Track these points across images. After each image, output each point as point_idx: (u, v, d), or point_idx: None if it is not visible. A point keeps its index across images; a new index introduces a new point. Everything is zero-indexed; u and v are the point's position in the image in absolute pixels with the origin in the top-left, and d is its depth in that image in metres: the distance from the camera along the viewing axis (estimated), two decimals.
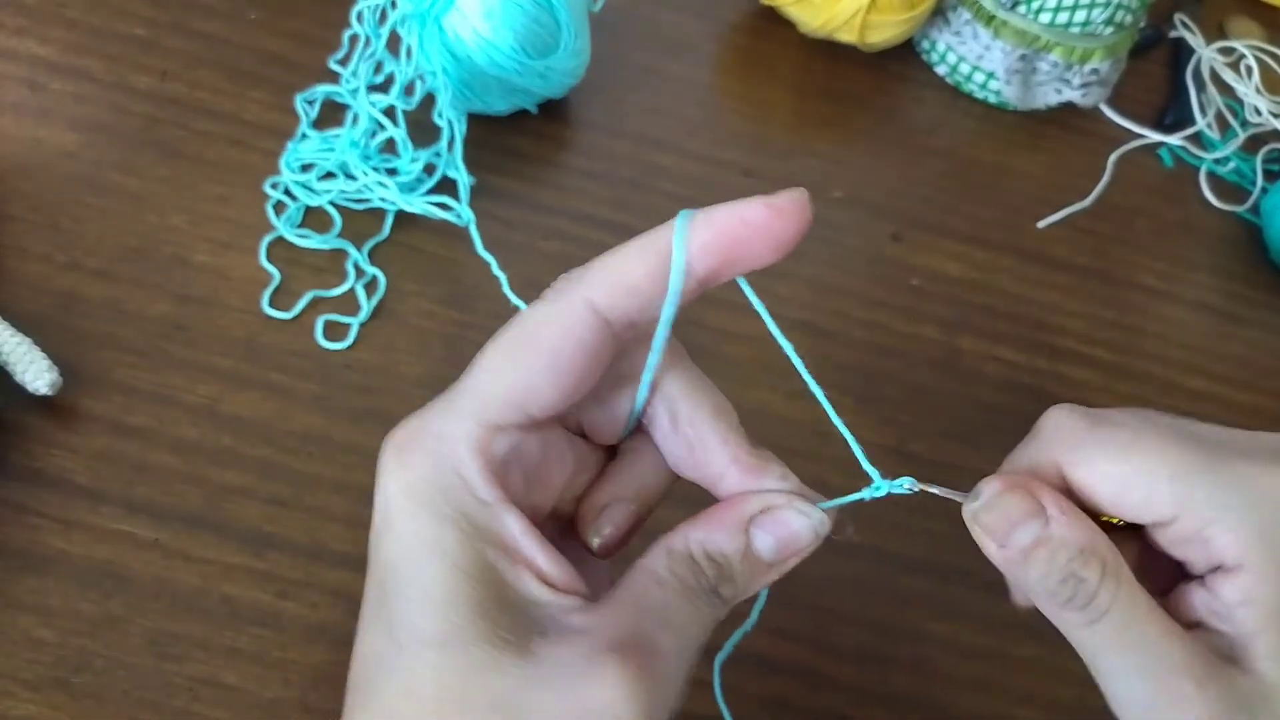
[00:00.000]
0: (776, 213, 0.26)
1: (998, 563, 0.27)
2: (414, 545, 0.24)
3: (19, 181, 0.44)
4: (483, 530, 0.24)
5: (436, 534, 0.23)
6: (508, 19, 0.45)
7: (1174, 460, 0.26)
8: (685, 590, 0.25)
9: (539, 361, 0.25)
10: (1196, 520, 0.26)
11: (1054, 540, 0.26)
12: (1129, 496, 0.26)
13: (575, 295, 0.25)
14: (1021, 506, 0.26)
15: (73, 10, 0.50)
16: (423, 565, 0.23)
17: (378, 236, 0.46)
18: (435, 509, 0.24)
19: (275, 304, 0.43)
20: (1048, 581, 0.26)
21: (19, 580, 0.35)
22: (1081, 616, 0.26)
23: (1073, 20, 0.56)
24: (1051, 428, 0.28)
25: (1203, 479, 0.26)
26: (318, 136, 0.47)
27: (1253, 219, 0.58)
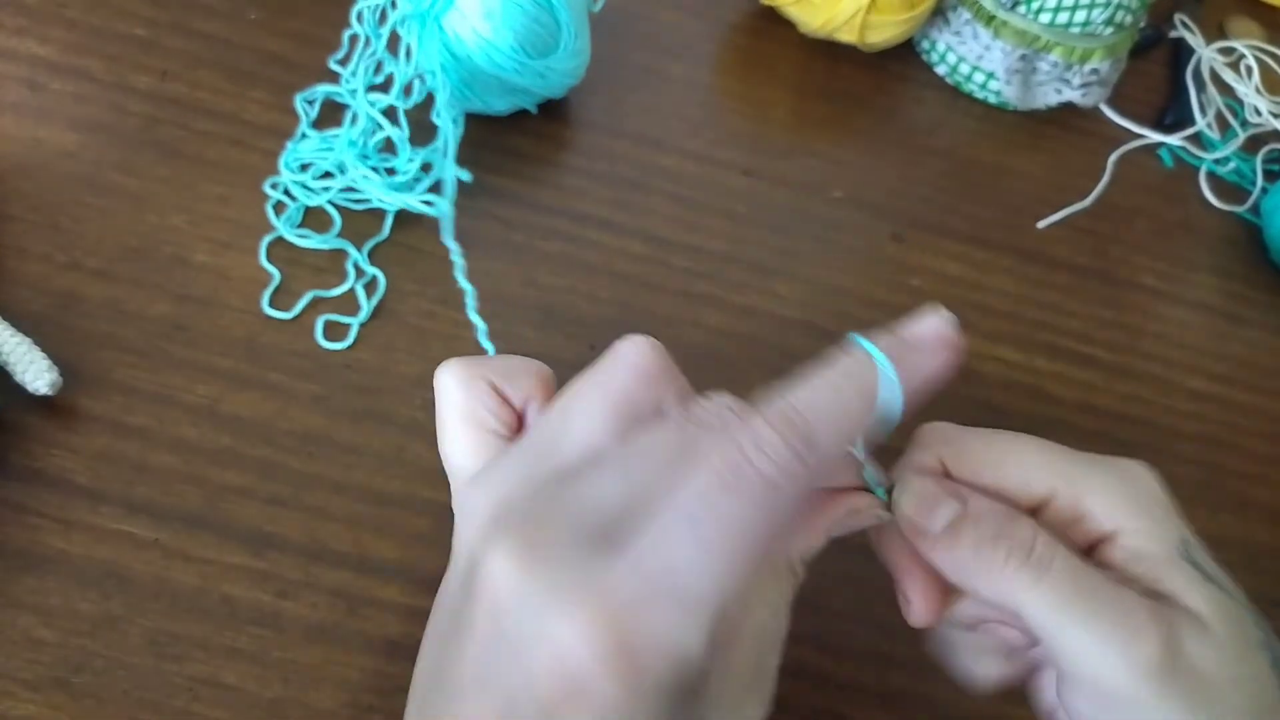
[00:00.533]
0: (957, 360, 0.27)
1: (931, 556, 0.28)
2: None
3: (19, 181, 0.44)
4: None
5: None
6: (508, 19, 0.45)
7: (1039, 447, 0.29)
8: (789, 610, 0.26)
9: (764, 554, 0.25)
10: (1071, 492, 0.28)
11: (974, 512, 0.27)
12: (1008, 476, 0.28)
13: (804, 490, 0.25)
14: (936, 490, 0.28)
15: (73, 10, 0.50)
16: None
17: (378, 237, 0.46)
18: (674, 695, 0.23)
19: (275, 304, 0.43)
20: (981, 547, 0.27)
21: (19, 580, 0.35)
22: (1027, 573, 0.26)
23: (1073, 20, 0.56)
24: (926, 433, 0.30)
25: (1068, 459, 0.29)
26: (317, 136, 0.47)
27: (1253, 219, 0.58)
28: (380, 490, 0.39)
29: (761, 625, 0.25)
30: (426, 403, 0.42)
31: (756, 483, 0.23)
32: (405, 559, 0.38)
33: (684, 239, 0.49)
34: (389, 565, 0.38)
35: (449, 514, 0.39)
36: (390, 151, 0.47)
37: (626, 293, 0.47)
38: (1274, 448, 0.49)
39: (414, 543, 0.38)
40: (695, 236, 0.49)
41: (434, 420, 0.41)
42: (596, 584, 0.23)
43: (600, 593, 0.22)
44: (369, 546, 0.38)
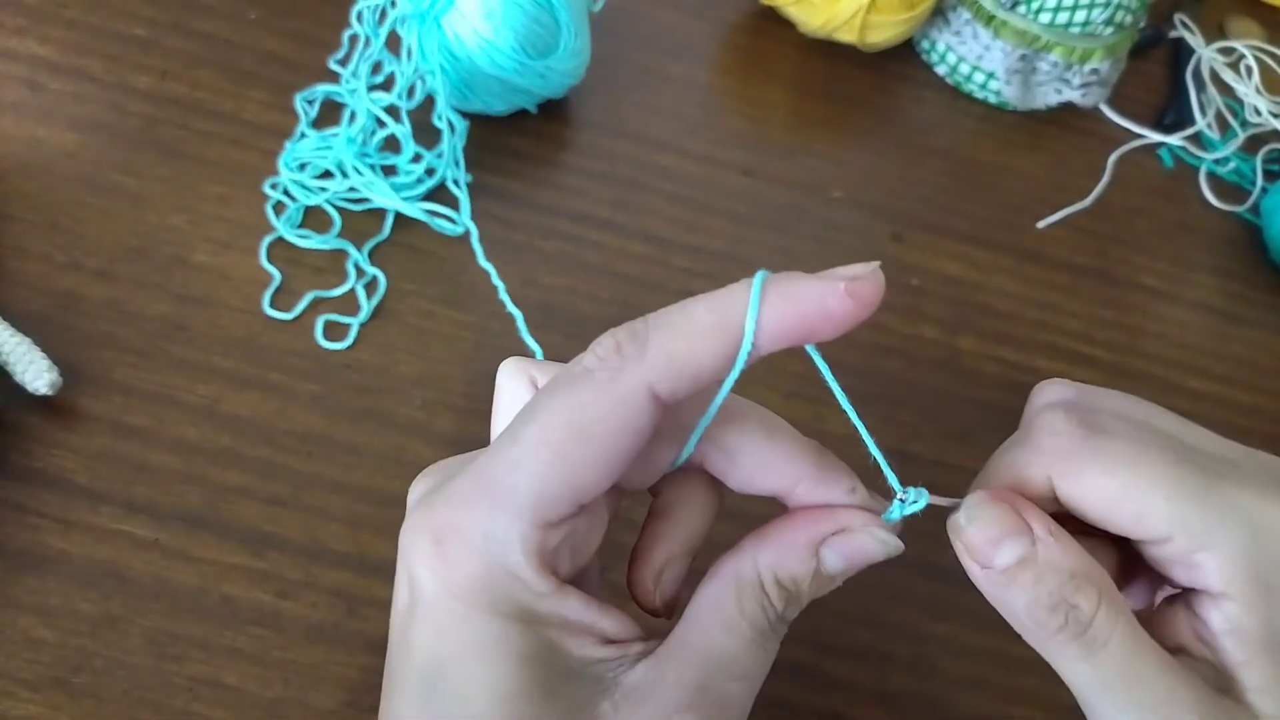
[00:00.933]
0: (857, 301, 0.25)
1: (981, 586, 0.25)
2: (471, 645, 0.23)
3: (19, 181, 0.44)
4: (544, 617, 0.23)
5: (499, 632, 0.23)
6: (508, 19, 0.45)
7: (1171, 479, 0.25)
8: (756, 634, 0.24)
9: (593, 454, 0.23)
10: (1188, 543, 0.25)
11: (1040, 563, 0.25)
12: (1121, 512, 0.25)
13: (634, 380, 0.23)
14: (1005, 523, 0.25)
15: (72, 10, 0.50)
16: (484, 663, 0.22)
17: (378, 237, 0.46)
18: (492, 608, 0.23)
19: (276, 304, 0.43)
20: (1036, 609, 0.24)
21: (18, 580, 0.35)
22: (1077, 649, 0.24)
23: (1073, 20, 0.56)
24: (1044, 432, 0.26)
25: (1198, 502, 0.25)
26: (315, 135, 0.47)
27: (1253, 219, 0.58)
28: (380, 490, 0.39)
29: (710, 648, 0.24)
30: (426, 402, 0.42)
31: (577, 378, 0.23)
32: None
33: (684, 239, 0.49)
34: (389, 565, 0.37)
35: None
36: (392, 150, 0.47)
37: (626, 293, 0.47)
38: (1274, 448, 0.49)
39: None
40: (695, 236, 0.49)
41: (435, 419, 0.41)
42: (436, 499, 0.24)
43: (434, 504, 0.24)
44: (369, 546, 0.38)
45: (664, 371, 0.23)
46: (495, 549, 0.23)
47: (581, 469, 0.23)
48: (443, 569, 0.23)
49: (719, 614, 0.24)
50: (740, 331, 0.23)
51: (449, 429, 0.41)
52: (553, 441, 0.23)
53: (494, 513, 0.23)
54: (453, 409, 0.42)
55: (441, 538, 0.23)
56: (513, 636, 0.23)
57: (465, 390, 0.42)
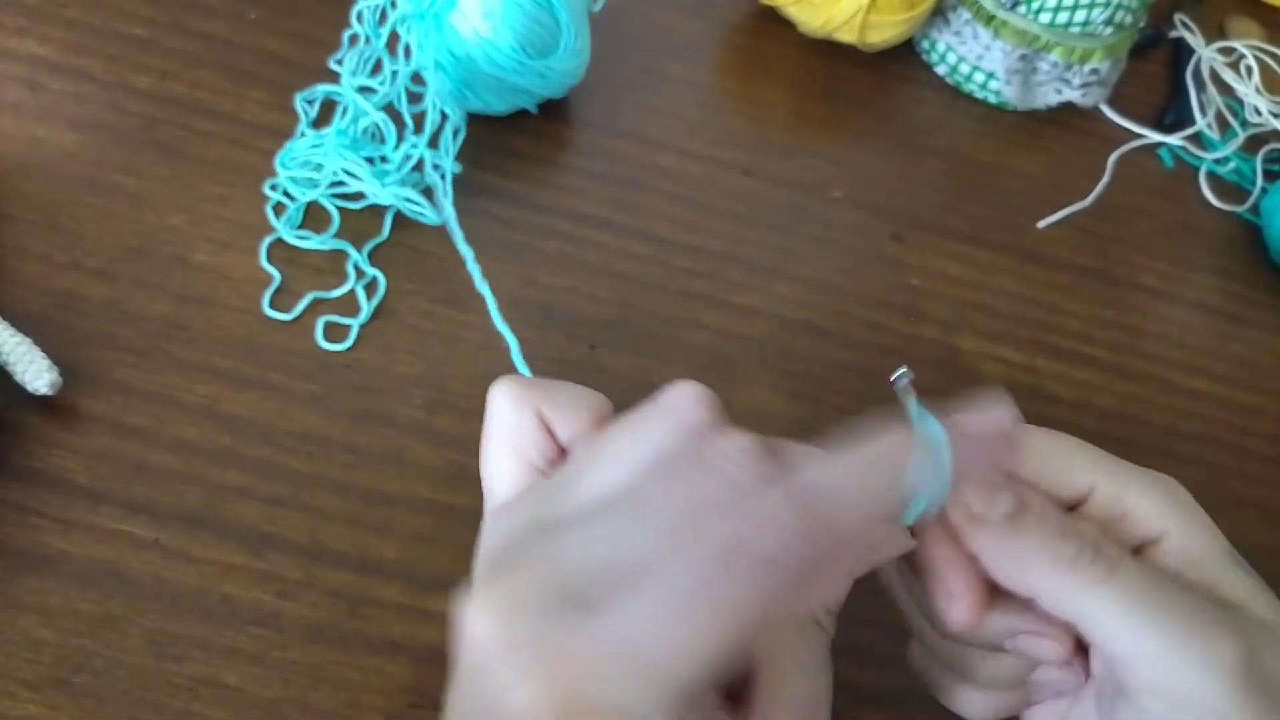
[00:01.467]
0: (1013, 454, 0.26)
1: (988, 548, 0.26)
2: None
3: (19, 181, 0.44)
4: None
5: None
6: (508, 19, 0.45)
7: (1077, 444, 0.28)
8: (823, 665, 0.26)
9: (756, 631, 0.22)
10: (1113, 491, 0.27)
11: (1036, 506, 0.26)
12: (1047, 470, 0.27)
13: (810, 571, 0.22)
14: (992, 485, 0.26)
15: (72, 10, 0.50)
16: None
17: (378, 238, 0.46)
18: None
19: (276, 305, 0.43)
20: (1049, 540, 0.25)
21: (18, 580, 0.35)
22: (1097, 568, 0.25)
23: (1073, 20, 0.56)
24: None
25: (1106, 458, 0.28)
26: (313, 135, 0.47)
27: (1253, 219, 0.58)
28: (380, 490, 0.39)
29: (801, 693, 0.24)
30: (426, 402, 0.42)
31: (758, 563, 0.22)
32: (405, 559, 0.38)
33: (684, 239, 0.49)
34: (389, 565, 0.38)
35: (449, 514, 0.39)
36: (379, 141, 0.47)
37: (626, 293, 0.47)
38: (1274, 448, 0.49)
39: (414, 543, 0.38)
40: (695, 236, 0.49)
41: (434, 419, 0.41)
42: (561, 644, 0.21)
43: (562, 654, 0.21)
44: (369, 546, 0.38)
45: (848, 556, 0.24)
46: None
47: (742, 644, 0.22)
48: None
49: (792, 658, 0.25)
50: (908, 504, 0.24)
51: (449, 429, 0.41)
52: (719, 629, 0.21)
53: (631, 689, 0.21)
54: (453, 409, 0.42)
55: (569, 705, 0.21)
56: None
57: (465, 390, 0.42)
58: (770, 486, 0.22)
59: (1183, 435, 0.48)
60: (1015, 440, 0.26)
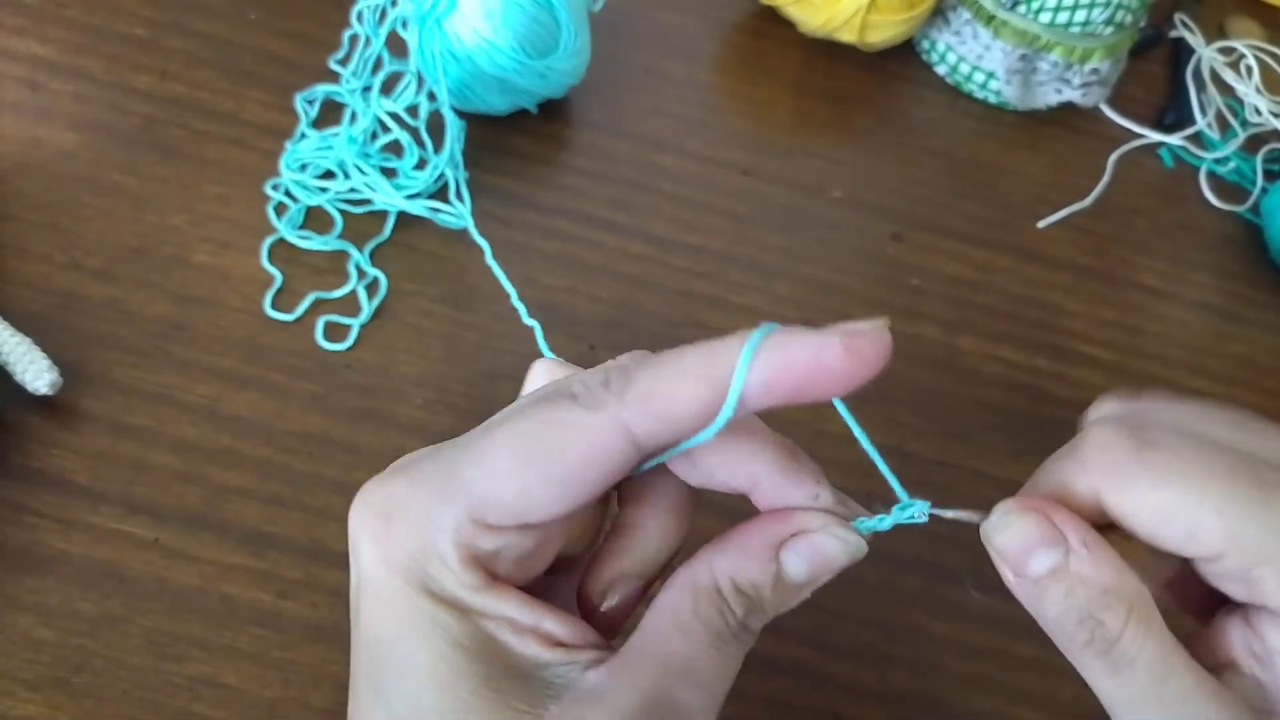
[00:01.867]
0: (857, 358, 0.22)
1: (1014, 592, 0.25)
2: (407, 621, 0.22)
3: (19, 181, 0.44)
4: (477, 609, 0.23)
5: (430, 613, 0.22)
6: (508, 19, 0.45)
7: (1223, 492, 0.24)
8: (714, 639, 0.24)
9: (550, 477, 0.22)
10: (1244, 559, 0.24)
11: (1072, 575, 0.24)
12: (1171, 529, 0.24)
13: (611, 415, 0.22)
14: (1037, 532, 0.24)
15: (72, 10, 0.50)
16: (420, 641, 0.22)
17: (379, 238, 0.46)
18: (423, 588, 0.22)
19: (277, 305, 0.43)
20: (1064, 621, 0.24)
21: (19, 580, 0.35)
22: (1103, 665, 0.24)
23: (1073, 20, 0.56)
24: (1093, 445, 0.25)
25: (1254, 515, 0.23)
26: (316, 136, 0.47)
27: (1253, 219, 0.58)
28: None
29: (668, 656, 0.23)
30: (426, 402, 0.42)
31: (562, 399, 0.23)
32: None
33: (684, 239, 0.49)
34: None
35: None
36: (394, 153, 0.47)
37: (626, 293, 0.47)
38: None
39: None
40: (695, 236, 0.49)
41: (434, 419, 0.41)
42: (394, 474, 0.24)
43: (389, 480, 0.24)
44: None
45: (642, 414, 0.22)
46: (430, 531, 0.23)
47: (534, 488, 0.22)
48: (383, 543, 0.23)
49: (675, 621, 0.24)
50: (728, 384, 0.22)
51: (449, 429, 0.41)
52: (515, 450, 0.23)
53: (437, 497, 0.23)
54: (453, 409, 0.42)
55: (386, 512, 0.23)
56: (446, 620, 0.22)
57: (465, 390, 0.42)
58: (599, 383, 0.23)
59: None
60: (861, 352, 0.23)
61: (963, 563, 0.41)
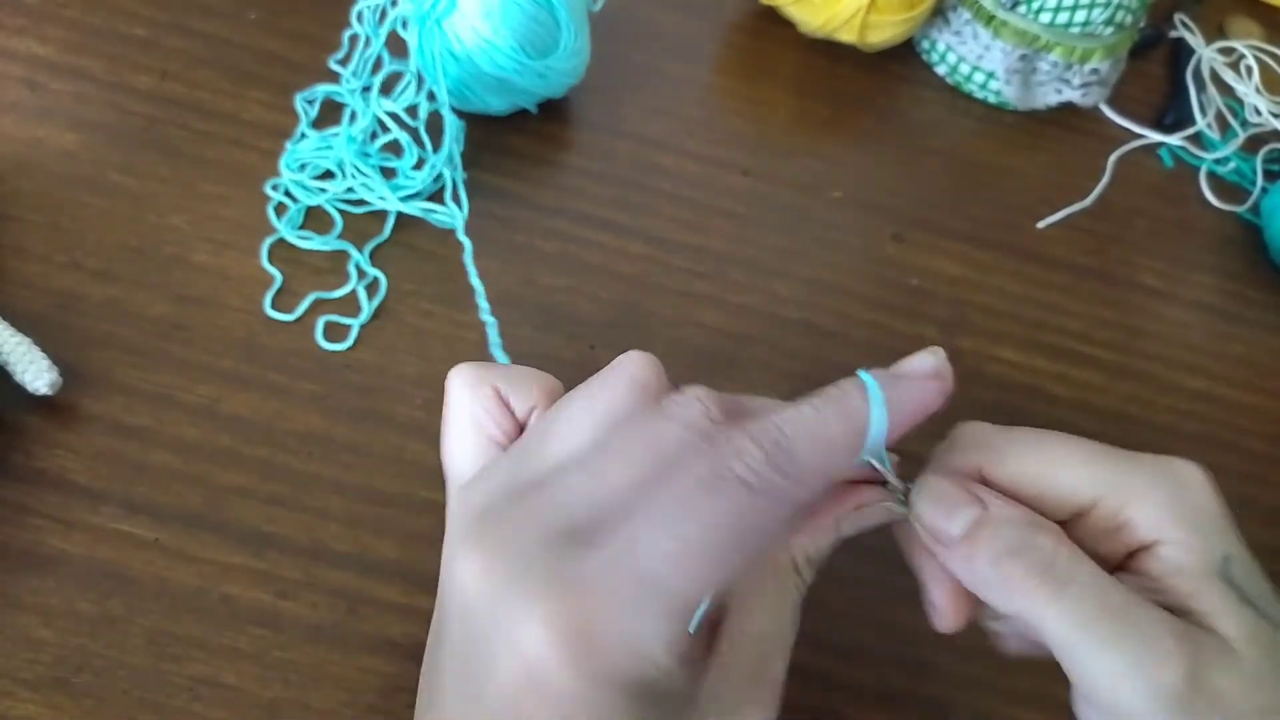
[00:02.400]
0: (946, 395, 0.27)
1: (949, 567, 0.27)
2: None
3: (18, 181, 0.44)
4: (676, 693, 0.23)
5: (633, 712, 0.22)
6: (507, 19, 0.45)
7: (1085, 451, 0.28)
8: (794, 612, 0.27)
9: (745, 565, 0.24)
10: (1115, 500, 0.27)
11: (994, 519, 0.26)
12: (1049, 485, 0.27)
13: (797, 501, 0.24)
14: (954, 494, 0.27)
15: (72, 10, 0.50)
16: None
17: (379, 238, 0.46)
18: (639, 694, 0.22)
19: (277, 306, 0.43)
20: (1000, 560, 0.26)
21: (19, 580, 0.35)
22: (1047, 589, 0.25)
23: (1073, 20, 0.56)
24: (965, 432, 0.29)
25: (1114, 464, 0.27)
26: (316, 136, 0.47)
27: (1253, 219, 0.58)
28: (380, 490, 0.39)
29: (762, 629, 0.25)
30: (427, 402, 0.42)
31: (737, 488, 0.23)
32: (405, 559, 0.38)
33: (684, 239, 0.49)
34: (389, 565, 0.38)
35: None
36: (394, 153, 0.47)
37: (626, 293, 0.47)
38: (1274, 448, 0.49)
39: (414, 542, 0.38)
40: (695, 236, 0.49)
41: (434, 419, 0.41)
42: (560, 577, 0.22)
43: (563, 585, 0.22)
44: (369, 546, 0.38)
45: (817, 492, 0.25)
46: (644, 649, 0.22)
47: (731, 575, 0.24)
48: (588, 660, 0.22)
49: (764, 598, 0.26)
50: (863, 441, 0.25)
51: None
52: (714, 551, 0.23)
53: (642, 613, 0.22)
54: None
55: (582, 630, 0.22)
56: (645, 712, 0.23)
57: None
58: (730, 427, 0.24)
59: (1183, 435, 0.48)
60: (943, 374, 0.27)
61: None
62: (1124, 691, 0.25)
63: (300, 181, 0.46)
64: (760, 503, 0.23)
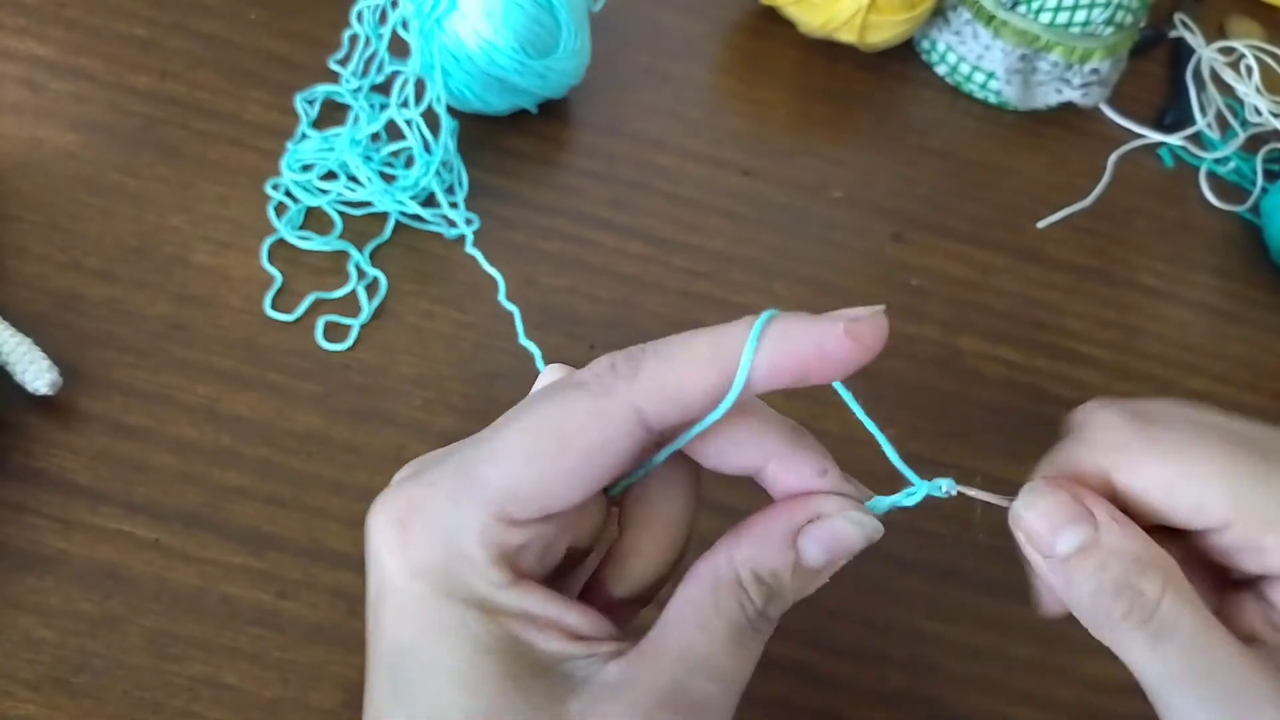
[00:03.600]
0: (856, 343, 0.24)
1: (1045, 577, 0.25)
2: (432, 627, 0.23)
3: (19, 181, 0.44)
4: (503, 608, 0.23)
5: (457, 617, 0.22)
6: (508, 19, 0.45)
7: (1228, 463, 0.25)
8: (734, 631, 0.23)
9: (568, 464, 0.23)
10: (1252, 526, 0.24)
11: (1104, 548, 0.24)
12: (1181, 501, 0.25)
13: (622, 399, 0.23)
14: (1066, 509, 0.24)
15: (72, 10, 0.50)
16: (446, 646, 0.22)
17: (379, 238, 0.46)
18: (449, 592, 0.23)
19: (277, 306, 0.43)
20: (1100, 595, 0.24)
21: (19, 580, 0.35)
22: (1144, 635, 0.23)
23: (1073, 20, 0.56)
24: (1096, 427, 0.26)
25: (1259, 483, 0.24)
26: (318, 136, 0.47)
27: (1253, 219, 0.58)
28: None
29: (682, 649, 0.23)
30: (426, 402, 0.42)
31: (571, 389, 0.23)
32: None
33: (684, 239, 0.49)
34: None
35: None
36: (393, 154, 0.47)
37: (626, 293, 0.47)
38: None
39: None
40: (695, 236, 0.49)
41: (434, 419, 0.41)
42: (405, 483, 0.24)
43: (403, 488, 0.24)
44: None
45: (652, 396, 0.23)
46: (455, 534, 0.23)
47: (554, 476, 0.23)
48: (404, 550, 0.23)
49: (695, 613, 0.24)
50: (735, 367, 0.23)
51: (449, 429, 0.41)
52: (532, 443, 0.23)
53: (459, 499, 0.23)
54: (453, 409, 0.42)
55: (405, 519, 0.23)
56: (472, 623, 0.22)
57: (465, 390, 0.42)
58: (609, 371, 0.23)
59: None
60: (855, 331, 0.24)
61: (957, 563, 0.41)
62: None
63: (302, 182, 0.46)
64: (591, 400, 0.23)
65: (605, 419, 0.23)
